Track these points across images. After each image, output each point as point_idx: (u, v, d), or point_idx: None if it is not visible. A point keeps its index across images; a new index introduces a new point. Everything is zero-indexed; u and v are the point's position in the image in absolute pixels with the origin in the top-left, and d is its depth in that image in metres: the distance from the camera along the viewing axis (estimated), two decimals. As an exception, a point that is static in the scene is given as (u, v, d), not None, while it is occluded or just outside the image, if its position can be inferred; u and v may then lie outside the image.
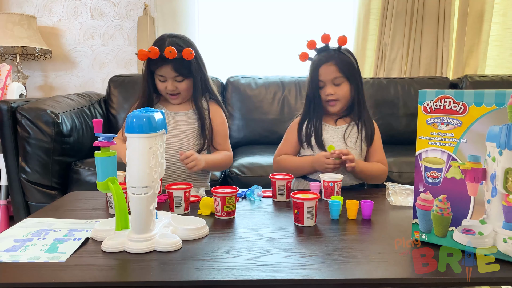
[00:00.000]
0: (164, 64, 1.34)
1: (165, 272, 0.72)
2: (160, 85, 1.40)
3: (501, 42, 2.82)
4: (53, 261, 0.76)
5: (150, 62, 1.37)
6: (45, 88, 2.87)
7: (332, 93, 1.34)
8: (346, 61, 1.35)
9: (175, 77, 1.37)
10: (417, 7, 2.69)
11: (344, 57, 1.36)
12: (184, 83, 1.40)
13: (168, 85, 1.39)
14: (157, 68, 1.37)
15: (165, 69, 1.35)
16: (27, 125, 1.76)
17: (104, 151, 0.85)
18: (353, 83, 1.36)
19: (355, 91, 1.37)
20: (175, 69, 1.35)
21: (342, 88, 1.35)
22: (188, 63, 1.35)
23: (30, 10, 2.78)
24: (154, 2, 2.76)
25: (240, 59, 2.83)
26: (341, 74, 1.33)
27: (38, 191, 1.82)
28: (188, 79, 1.40)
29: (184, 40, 1.41)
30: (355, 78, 1.36)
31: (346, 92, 1.35)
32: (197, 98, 1.44)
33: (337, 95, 1.34)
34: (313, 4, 2.80)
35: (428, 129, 0.82)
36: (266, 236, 0.89)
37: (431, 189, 0.82)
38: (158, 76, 1.39)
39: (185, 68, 1.36)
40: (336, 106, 1.37)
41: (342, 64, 1.33)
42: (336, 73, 1.33)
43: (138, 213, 0.82)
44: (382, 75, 2.77)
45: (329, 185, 1.16)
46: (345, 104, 1.38)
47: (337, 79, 1.34)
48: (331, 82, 1.34)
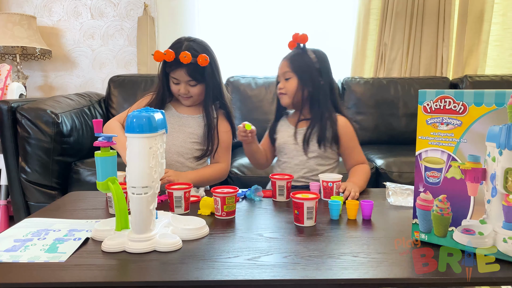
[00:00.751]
0: (179, 67, 1.34)
1: (165, 272, 0.72)
2: (174, 87, 1.41)
3: (501, 42, 2.82)
4: (53, 261, 0.76)
5: (166, 64, 1.38)
6: (45, 88, 2.87)
7: (282, 87, 1.40)
8: (300, 58, 1.39)
9: (189, 81, 1.38)
10: (417, 7, 2.69)
11: (302, 55, 1.39)
12: (197, 88, 1.40)
13: (181, 88, 1.39)
14: (171, 70, 1.37)
15: (179, 73, 1.36)
16: (27, 125, 1.76)
17: (104, 151, 0.85)
18: (303, 80, 1.37)
19: (309, 89, 1.37)
20: (188, 73, 1.35)
21: (291, 82, 1.38)
22: (202, 69, 1.35)
23: (30, 10, 2.78)
24: (154, 2, 2.76)
25: (240, 59, 2.82)
26: (289, 69, 1.38)
27: (38, 191, 1.82)
28: (201, 84, 1.40)
29: (201, 45, 1.40)
30: (308, 76, 1.37)
31: (293, 87, 1.38)
32: (208, 104, 1.43)
33: (285, 89, 1.39)
34: (313, 4, 2.80)
35: (428, 129, 0.82)
36: (266, 236, 0.89)
37: (431, 189, 0.82)
38: (172, 79, 1.39)
39: (199, 73, 1.36)
40: (284, 99, 1.41)
41: (292, 60, 1.39)
42: (286, 68, 1.39)
43: (138, 213, 0.82)
44: (382, 75, 2.77)
45: (328, 185, 1.16)
46: (293, 98, 1.39)
47: (286, 73, 1.39)
48: (283, 76, 1.41)
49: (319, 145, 1.37)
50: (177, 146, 1.41)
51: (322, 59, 1.41)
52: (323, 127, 1.37)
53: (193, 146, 1.43)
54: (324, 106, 1.38)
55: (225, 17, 2.81)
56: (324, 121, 1.37)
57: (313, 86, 1.38)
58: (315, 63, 1.39)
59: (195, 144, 1.43)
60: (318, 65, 1.39)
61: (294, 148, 1.41)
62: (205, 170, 1.43)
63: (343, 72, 2.78)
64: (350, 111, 2.51)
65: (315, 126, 1.38)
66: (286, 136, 1.44)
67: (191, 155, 1.43)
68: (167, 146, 1.39)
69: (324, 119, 1.37)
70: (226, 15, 2.80)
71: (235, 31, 2.80)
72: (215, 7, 2.80)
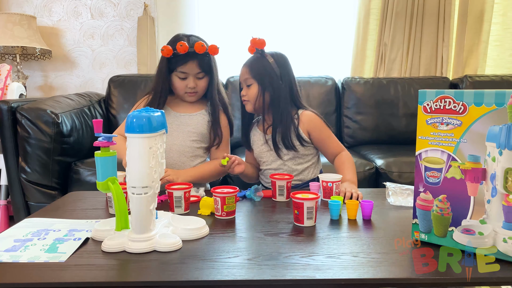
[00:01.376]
0: (190, 60, 1.35)
1: (165, 272, 0.72)
2: (180, 83, 1.40)
3: (501, 42, 2.82)
4: (53, 261, 0.76)
5: (172, 59, 1.37)
6: (45, 88, 2.87)
7: (244, 94, 1.40)
8: (259, 63, 1.37)
9: (198, 73, 1.39)
10: (417, 7, 2.69)
11: (261, 60, 1.37)
12: (203, 80, 1.42)
13: (189, 82, 1.39)
14: (180, 64, 1.37)
15: (190, 65, 1.36)
16: (27, 125, 1.76)
17: (104, 151, 0.85)
18: (263, 85, 1.36)
19: (270, 93, 1.36)
20: (199, 65, 1.37)
21: (252, 89, 1.38)
22: (209, 60, 1.39)
23: (30, 10, 2.78)
24: (154, 2, 2.76)
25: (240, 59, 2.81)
26: (250, 76, 1.38)
27: (38, 191, 1.82)
28: (207, 77, 1.42)
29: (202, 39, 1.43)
30: (268, 81, 1.36)
31: (254, 93, 1.37)
32: (214, 95, 1.45)
33: (247, 96, 1.39)
34: (313, 4, 2.80)
35: (428, 129, 0.82)
36: (266, 236, 0.89)
37: (431, 189, 0.82)
38: (179, 74, 1.39)
39: (207, 65, 1.39)
40: (248, 105, 1.41)
41: (251, 67, 1.38)
42: (246, 74, 1.39)
43: (138, 213, 0.82)
44: (382, 75, 2.77)
45: (328, 185, 1.16)
46: (255, 104, 1.39)
47: (247, 80, 1.39)
48: (244, 83, 1.40)
49: (286, 147, 1.37)
50: (178, 146, 1.41)
51: (281, 62, 1.39)
52: (285, 129, 1.36)
53: (193, 144, 1.43)
54: (284, 108, 1.37)
55: (225, 17, 2.81)
56: (284, 122, 1.36)
57: (273, 89, 1.36)
58: (274, 67, 1.37)
59: (195, 142, 1.43)
60: (276, 68, 1.37)
61: (269, 154, 1.41)
62: (205, 167, 1.43)
63: (343, 72, 2.78)
64: (350, 111, 2.51)
65: (278, 129, 1.37)
66: (259, 145, 1.44)
67: (192, 154, 1.43)
68: (168, 146, 1.39)
69: (283, 120, 1.36)
70: (226, 15, 2.80)
71: (235, 31, 2.80)
72: (215, 7, 2.80)
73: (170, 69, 1.39)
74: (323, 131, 1.40)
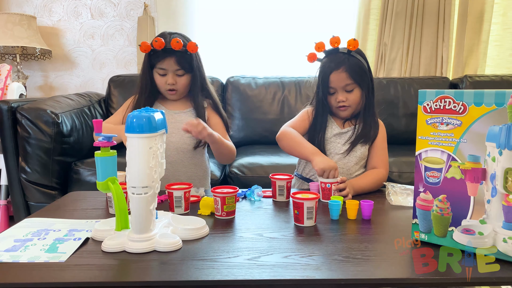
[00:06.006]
0: (168, 56, 1.35)
1: (165, 272, 0.72)
2: (160, 79, 1.41)
3: (501, 42, 2.82)
4: (53, 261, 0.76)
5: (152, 55, 1.38)
6: (45, 88, 2.87)
7: (344, 99, 1.31)
8: (357, 65, 1.30)
9: (176, 70, 1.39)
10: (417, 7, 2.69)
11: (355, 60, 1.31)
12: (184, 78, 1.41)
13: (168, 79, 1.39)
14: (159, 60, 1.37)
15: (168, 62, 1.36)
16: (27, 125, 1.76)
17: (104, 151, 0.85)
18: (364, 87, 1.33)
19: (366, 95, 1.34)
20: (177, 62, 1.36)
21: (354, 94, 1.32)
22: (190, 58, 1.38)
23: (30, 10, 2.78)
24: (154, 2, 2.76)
25: (240, 59, 2.82)
26: (352, 81, 1.30)
27: (38, 191, 1.82)
28: (188, 75, 1.41)
29: (185, 36, 1.43)
30: (366, 83, 1.33)
31: (357, 98, 1.32)
32: (196, 94, 1.44)
33: (348, 101, 1.32)
34: (313, 4, 2.80)
35: (428, 129, 0.82)
36: (266, 236, 0.89)
37: (431, 189, 0.82)
38: (158, 70, 1.39)
39: (187, 62, 1.38)
40: (347, 111, 1.35)
41: (352, 70, 1.29)
42: (347, 80, 1.29)
43: (138, 213, 0.82)
44: (382, 75, 2.77)
45: (326, 186, 1.16)
46: (355, 108, 1.35)
47: (348, 86, 1.30)
48: (343, 89, 1.31)
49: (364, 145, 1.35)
50: (175, 143, 1.41)
51: (366, 59, 1.36)
52: (369, 128, 1.35)
53: (191, 140, 1.43)
54: (372, 107, 1.36)
55: (225, 17, 2.81)
56: (369, 122, 1.35)
57: (368, 90, 1.33)
58: (367, 65, 1.33)
59: (192, 139, 1.43)
60: (368, 66, 1.34)
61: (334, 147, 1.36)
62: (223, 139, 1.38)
63: (343, 72, 2.77)
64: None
65: (364, 126, 1.35)
66: (329, 134, 1.38)
67: (190, 150, 1.44)
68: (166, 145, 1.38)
69: (369, 119, 1.36)
70: (226, 15, 2.80)
71: (235, 31, 2.80)
72: (215, 7, 2.80)
73: (151, 65, 1.40)
74: (379, 142, 1.38)
